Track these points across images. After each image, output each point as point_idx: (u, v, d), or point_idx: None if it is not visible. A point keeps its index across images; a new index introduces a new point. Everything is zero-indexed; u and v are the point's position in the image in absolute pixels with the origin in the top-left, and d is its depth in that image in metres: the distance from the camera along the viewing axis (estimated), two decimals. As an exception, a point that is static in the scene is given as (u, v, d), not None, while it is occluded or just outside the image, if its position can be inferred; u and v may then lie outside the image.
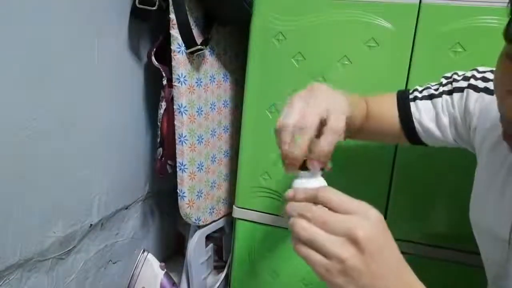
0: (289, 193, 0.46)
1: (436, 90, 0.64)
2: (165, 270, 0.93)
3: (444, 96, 0.62)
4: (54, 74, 0.76)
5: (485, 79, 0.58)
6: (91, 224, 0.92)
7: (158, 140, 1.03)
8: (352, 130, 0.64)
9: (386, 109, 0.68)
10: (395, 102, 0.67)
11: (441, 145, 0.65)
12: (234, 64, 1.12)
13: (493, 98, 0.54)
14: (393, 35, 0.84)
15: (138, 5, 0.90)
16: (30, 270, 0.77)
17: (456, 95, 0.61)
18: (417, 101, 0.65)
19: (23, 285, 0.76)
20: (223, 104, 1.09)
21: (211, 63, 1.02)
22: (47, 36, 0.73)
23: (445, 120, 0.62)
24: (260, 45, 0.93)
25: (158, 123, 1.01)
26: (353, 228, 0.38)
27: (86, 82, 0.85)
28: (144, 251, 0.94)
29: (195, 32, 0.93)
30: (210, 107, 1.03)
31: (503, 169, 0.53)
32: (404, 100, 0.67)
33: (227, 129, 1.12)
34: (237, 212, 1.03)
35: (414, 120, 0.65)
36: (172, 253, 1.35)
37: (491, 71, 0.59)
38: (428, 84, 0.67)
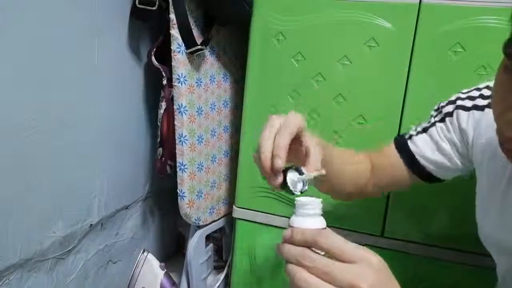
0: (287, 233, 0.44)
1: (429, 122, 0.66)
2: (165, 270, 0.93)
3: (437, 124, 0.63)
4: (54, 74, 0.76)
5: (471, 98, 0.60)
6: (91, 224, 0.92)
7: (158, 140, 1.03)
8: (359, 187, 0.67)
9: (388, 157, 0.68)
10: (394, 148, 0.68)
11: (454, 174, 0.65)
12: (234, 64, 1.12)
13: (484, 114, 0.56)
14: (393, 35, 0.84)
15: (138, 5, 0.90)
16: (30, 270, 0.77)
17: (448, 119, 0.62)
18: (413, 137, 0.66)
19: (23, 285, 0.76)
20: (223, 104, 1.09)
21: (211, 63, 1.02)
22: (47, 36, 0.73)
23: (445, 146, 0.62)
24: (260, 45, 0.93)
25: (158, 123, 1.01)
26: (356, 279, 0.37)
27: (86, 82, 0.85)
28: (144, 251, 0.94)
29: (195, 32, 0.93)
30: (210, 107, 1.03)
31: (503, 180, 0.54)
32: (402, 143, 0.67)
33: (227, 129, 1.12)
34: (237, 212, 1.03)
35: (417, 157, 0.65)
36: (172, 253, 1.35)
37: (476, 89, 0.60)
38: (420, 122, 0.68)
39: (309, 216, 0.45)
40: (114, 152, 0.97)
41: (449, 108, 0.62)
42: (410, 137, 0.66)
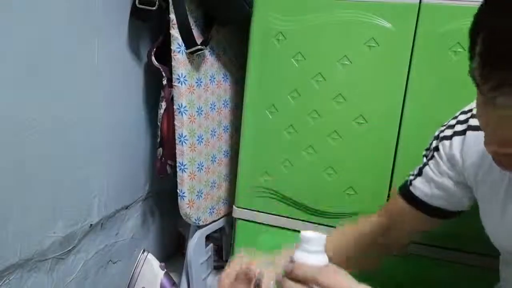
0: (288, 267, 0.45)
1: (422, 163, 0.67)
2: (165, 270, 0.93)
3: (429, 162, 0.65)
4: (54, 74, 0.76)
5: (450, 127, 0.62)
6: (91, 224, 0.92)
7: (158, 140, 1.03)
8: (385, 251, 0.69)
9: (399, 209, 0.69)
10: (400, 198, 0.68)
11: (465, 204, 0.65)
12: (234, 64, 1.12)
13: (466, 137, 0.58)
14: (393, 35, 0.84)
15: (138, 5, 0.90)
16: (30, 270, 0.77)
17: (436, 154, 0.63)
18: (413, 182, 0.67)
19: (23, 285, 0.76)
20: (223, 104, 1.09)
21: (211, 63, 1.02)
22: (47, 36, 0.73)
23: (440, 180, 0.63)
24: (260, 45, 0.93)
25: (158, 123, 1.01)
26: None
27: (86, 82, 0.85)
28: (144, 251, 0.93)
29: (195, 32, 0.93)
30: (210, 107, 1.03)
31: (501, 191, 0.54)
32: (405, 191, 0.68)
33: (227, 129, 1.12)
34: (237, 212, 1.03)
35: (423, 199, 0.65)
36: (172, 253, 1.35)
37: (453, 118, 0.62)
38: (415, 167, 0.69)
39: (312, 253, 0.46)
40: (114, 152, 0.97)
41: (435, 143, 0.64)
42: (410, 183, 0.68)
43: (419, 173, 0.67)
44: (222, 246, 1.24)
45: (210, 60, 1.02)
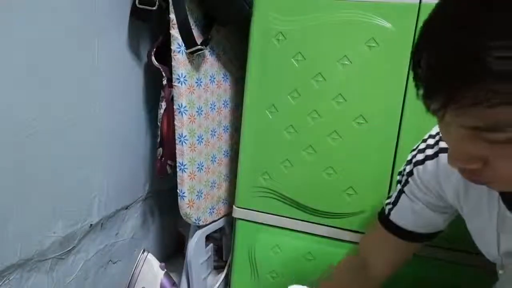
0: None
1: (397, 190, 0.68)
2: (165, 270, 0.93)
3: (404, 189, 0.65)
4: (54, 74, 0.76)
5: (421, 151, 0.62)
6: (91, 224, 0.92)
7: (158, 140, 1.03)
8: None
9: (379, 238, 0.69)
10: (381, 226, 0.69)
11: (444, 225, 0.66)
12: (234, 64, 1.12)
13: (438, 159, 0.59)
14: (393, 35, 0.84)
15: (138, 5, 0.90)
16: (30, 270, 0.77)
17: (410, 179, 0.64)
18: (391, 211, 0.67)
19: (23, 285, 0.76)
20: (223, 104, 1.09)
21: (211, 63, 1.02)
22: (47, 36, 0.73)
23: (417, 206, 0.64)
24: (260, 45, 0.93)
25: (158, 123, 1.01)
26: None
27: (86, 82, 0.85)
28: (144, 251, 0.94)
29: (195, 32, 0.93)
30: (210, 107, 1.03)
31: (484, 207, 0.55)
32: (385, 219, 0.68)
33: (227, 129, 1.12)
34: (237, 212, 1.03)
35: (403, 226, 0.66)
36: (172, 253, 1.35)
37: (422, 141, 0.63)
38: (390, 194, 0.70)
39: None
40: (114, 152, 0.97)
41: (408, 168, 0.65)
42: (389, 212, 0.68)
43: (396, 201, 0.67)
44: (222, 246, 1.24)
45: (210, 60, 1.02)
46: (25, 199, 0.74)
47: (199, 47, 0.91)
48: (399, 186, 0.68)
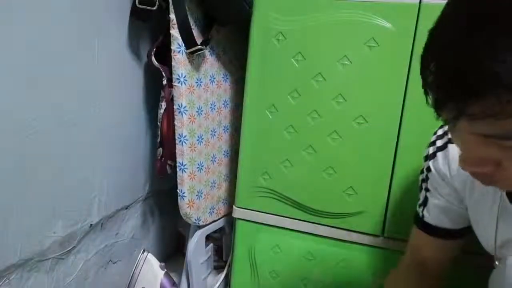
0: None
1: (422, 189, 0.68)
2: (165, 270, 0.93)
3: (428, 187, 0.66)
4: (54, 74, 0.76)
5: (432, 144, 0.64)
6: (91, 224, 0.92)
7: (158, 140, 1.03)
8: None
9: (424, 244, 0.69)
10: (421, 232, 0.69)
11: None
12: (234, 64, 1.12)
13: (447, 150, 0.60)
14: (393, 35, 0.84)
15: (138, 5, 0.90)
16: (30, 270, 0.77)
17: (429, 175, 0.65)
18: (424, 213, 0.68)
19: (23, 285, 0.76)
20: (223, 104, 1.09)
21: (211, 63, 1.02)
22: (47, 36, 0.73)
23: (441, 202, 0.64)
24: (260, 45, 0.93)
25: (158, 123, 1.01)
26: None
27: (86, 82, 0.85)
28: (144, 251, 0.94)
29: (195, 32, 0.93)
30: (210, 107, 1.03)
31: (489, 198, 0.55)
32: (422, 223, 0.69)
33: (227, 129, 1.12)
34: (237, 212, 1.03)
35: (442, 226, 0.66)
36: (172, 253, 1.35)
37: (433, 134, 0.64)
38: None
39: None
40: (114, 152, 0.97)
41: (425, 164, 0.66)
42: (422, 215, 0.69)
43: (425, 202, 0.68)
44: (222, 246, 1.24)
45: (210, 60, 1.02)
46: (25, 199, 0.74)
47: (199, 47, 0.91)
48: (423, 185, 0.68)
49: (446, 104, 0.38)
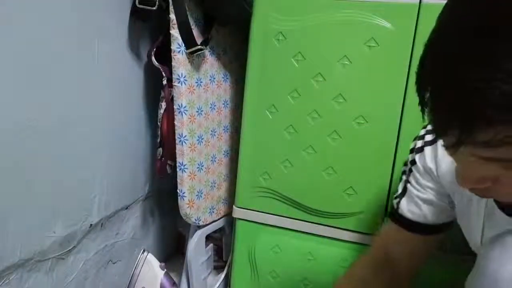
0: None
1: (402, 181, 0.67)
2: (165, 270, 0.93)
3: (409, 179, 0.65)
4: (54, 74, 0.76)
5: (420, 138, 0.63)
6: (91, 224, 0.92)
7: (158, 140, 1.03)
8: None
9: (395, 236, 0.67)
10: (393, 223, 0.67)
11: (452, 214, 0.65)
12: (234, 64, 1.12)
13: (437, 145, 0.59)
14: (393, 35, 0.84)
15: (138, 5, 0.90)
16: (30, 270, 0.77)
17: (414, 168, 0.64)
18: (399, 205, 0.66)
19: (23, 285, 0.76)
20: (223, 104, 1.09)
21: (211, 63, 1.02)
22: (47, 36, 0.73)
23: (424, 195, 0.63)
24: (260, 45, 0.93)
25: (158, 123, 1.01)
26: None
27: (86, 82, 0.85)
28: (144, 251, 0.94)
29: (195, 32, 0.93)
30: (210, 107, 1.03)
31: (474, 197, 0.54)
32: (396, 215, 0.67)
33: (227, 129, 1.12)
34: (237, 212, 1.03)
35: (416, 219, 0.64)
36: (172, 253, 1.35)
37: (423, 128, 0.64)
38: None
39: None
40: (114, 152, 0.97)
41: (410, 157, 0.65)
42: (398, 206, 0.67)
43: (403, 193, 0.66)
44: (222, 246, 1.24)
45: (210, 60, 1.02)
46: (25, 199, 0.74)
47: (199, 47, 0.91)
48: (404, 177, 0.67)
49: (445, 134, 0.36)
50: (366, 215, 0.92)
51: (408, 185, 0.65)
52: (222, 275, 1.18)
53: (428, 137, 0.62)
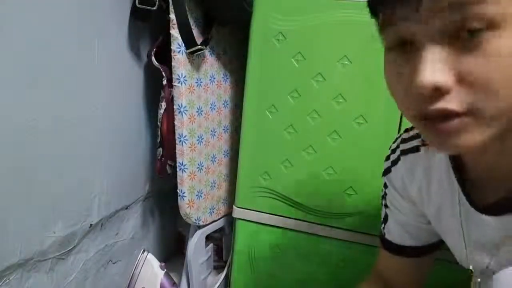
0: None
1: (383, 205, 0.67)
2: (165, 270, 0.93)
3: (387, 203, 0.65)
4: (54, 74, 0.76)
5: (386, 158, 0.64)
6: (91, 224, 0.92)
7: (158, 140, 1.03)
8: None
9: (389, 264, 0.67)
10: (385, 251, 0.67)
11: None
12: (234, 64, 1.12)
13: (401, 164, 0.60)
14: (393, 35, 0.84)
15: (138, 5, 0.90)
16: (30, 270, 0.77)
17: (387, 191, 0.65)
18: (385, 231, 0.67)
19: (23, 285, 0.76)
20: (223, 104, 1.09)
21: (211, 63, 1.02)
22: (47, 36, 0.73)
23: (407, 217, 0.63)
24: (260, 45, 0.93)
25: (158, 123, 1.01)
26: None
27: (86, 82, 0.85)
28: (144, 251, 0.94)
29: (195, 32, 0.93)
30: (210, 107, 1.03)
31: (446, 195, 0.54)
32: (385, 242, 0.67)
33: (227, 129, 1.12)
34: (237, 212, 1.03)
35: (404, 243, 0.64)
36: (172, 253, 1.35)
37: (389, 148, 0.64)
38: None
39: None
40: (114, 152, 0.97)
41: (383, 180, 0.65)
42: (384, 232, 0.67)
43: (385, 218, 0.66)
44: (222, 246, 1.24)
45: (210, 60, 1.02)
46: (25, 199, 0.74)
47: (199, 47, 0.91)
48: (382, 201, 0.67)
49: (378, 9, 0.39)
50: (366, 215, 0.92)
51: (387, 209, 0.66)
52: (222, 275, 1.18)
53: (393, 157, 0.62)
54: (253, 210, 1.01)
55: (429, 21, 0.35)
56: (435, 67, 0.35)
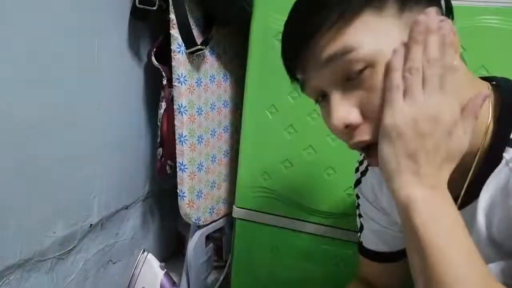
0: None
1: (357, 218, 0.69)
2: (165, 270, 0.93)
3: (360, 212, 0.67)
4: (54, 74, 0.76)
5: (356, 170, 0.67)
6: (91, 224, 0.92)
7: (158, 140, 1.03)
8: None
9: (370, 270, 0.68)
10: (364, 258, 0.68)
11: None
12: (234, 64, 1.12)
13: (370, 172, 0.61)
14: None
15: (138, 5, 0.90)
16: (30, 270, 0.77)
17: (359, 201, 0.66)
18: (361, 239, 0.68)
19: (23, 285, 0.76)
20: (223, 104, 1.09)
21: (211, 63, 1.02)
22: (47, 36, 0.73)
23: (379, 226, 0.63)
24: (260, 45, 0.93)
25: (158, 123, 1.01)
26: None
27: (86, 82, 0.85)
28: (144, 251, 0.93)
29: (195, 32, 0.93)
30: (210, 107, 1.03)
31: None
32: (363, 249, 0.68)
33: (227, 129, 1.12)
34: (237, 212, 1.03)
35: (380, 250, 0.65)
36: (172, 253, 1.35)
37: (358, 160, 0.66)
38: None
39: None
40: (114, 152, 0.97)
41: (355, 191, 0.67)
42: (361, 241, 0.68)
43: (361, 227, 0.68)
44: (222, 246, 1.24)
45: (210, 60, 1.02)
46: (25, 199, 0.74)
47: (199, 47, 0.91)
48: (357, 211, 0.68)
49: (296, 71, 0.49)
50: None
51: (361, 219, 0.67)
52: (222, 275, 1.18)
53: (361, 168, 0.64)
54: (253, 210, 1.01)
55: (322, 73, 0.44)
56: (341, 108, 0.43)
